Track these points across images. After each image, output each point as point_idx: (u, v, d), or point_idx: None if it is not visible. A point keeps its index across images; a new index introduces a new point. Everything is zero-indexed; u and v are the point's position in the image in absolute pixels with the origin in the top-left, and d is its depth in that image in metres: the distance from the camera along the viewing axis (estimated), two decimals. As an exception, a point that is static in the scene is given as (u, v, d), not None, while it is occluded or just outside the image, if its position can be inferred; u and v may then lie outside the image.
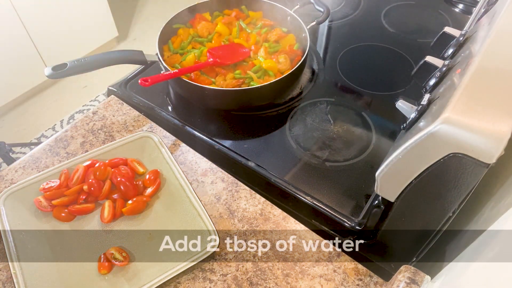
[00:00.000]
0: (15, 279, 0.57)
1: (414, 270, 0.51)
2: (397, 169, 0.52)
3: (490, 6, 0.66)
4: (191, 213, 0.64)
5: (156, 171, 0.70)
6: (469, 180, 0.47)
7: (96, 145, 0.77)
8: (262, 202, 0.68)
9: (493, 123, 0.42)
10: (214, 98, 0.84)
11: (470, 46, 0.58)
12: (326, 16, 0.95)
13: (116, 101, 0.86)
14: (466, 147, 0.43)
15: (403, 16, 1.14)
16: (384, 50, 1.02)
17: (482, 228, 0.50)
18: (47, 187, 0.67)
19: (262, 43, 0.92)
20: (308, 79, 0.93)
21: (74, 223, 0.65)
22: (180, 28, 0.95)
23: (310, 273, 0.60)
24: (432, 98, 0.55)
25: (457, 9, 1.17)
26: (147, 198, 0.66)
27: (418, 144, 0.46)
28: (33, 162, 0.75)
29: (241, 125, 0.84)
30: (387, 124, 0.83)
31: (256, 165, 0.74)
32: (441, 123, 0.43)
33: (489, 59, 0.49)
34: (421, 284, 0.49)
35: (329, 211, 0.67)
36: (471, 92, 0.45)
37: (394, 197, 0.55)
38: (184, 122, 0.83)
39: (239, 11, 1.00)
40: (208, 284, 0.59)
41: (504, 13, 0.54)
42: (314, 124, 0.82)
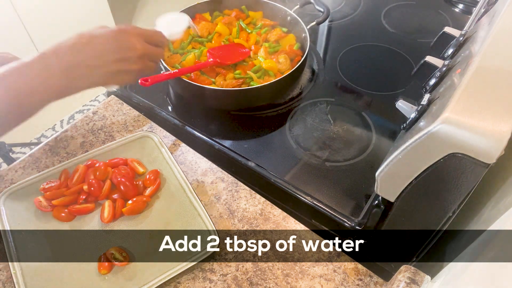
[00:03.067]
0: (15, 279, 0.57)
1: (414, 270, 0.51)
2: (397, 169, 0.52)
3: (490, 6, 0.66)
4: (191, 213, 0.64)
5: (156, 171, 0.70)
6: (469, 180, 0.47)
7: (96, 145, 0.77)
8: (262, 202, 0.68)
9: (493, 123, 0.42)
10: (214, 98, 0.84)
11: (470, 46, 0.58)
12: (326, 16, 0.95)
13: (116, 101, 0.86)
14: (466, 147, 0.43)
15: (403, 16, 1.14)
16: (384, 50, 1.02)
17: (482, 228, 0.50)
18: (47, 187, 0.67)
19: (262, 43, 0.92)
20: (308, 79, 0.93)
21: (74, 223, 0.65)
22: (180, 28, 0.95)
23: (310, 273, 0.60)
24: (432, 98, 0.55)
25: (457, 9, 1.17)
26: (147, 198, 0.66)
27: (418, 144, 0.47)
28: (33, 162, 0.75)
29: (241, 125, 0.84)
30: (387, 124, 0.83)
31: (256, 165, 0.74)
32: (441, 123, 0.43)
33: (489, 59, 0.49)
34: (421, 284, 0.49)
35: (329, 211, 0.67)
36: (471, 92, 0.45)
37: (394, 197, 0.56)
38: (184, 122, 0.83)
39: (239, 11, 1.00)
40: (208, 284, 0.59)
41: (504, 13, 0.54)
42: (314, 124, 0.82)
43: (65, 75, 0.45)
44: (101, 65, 0.48)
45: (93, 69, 0.47)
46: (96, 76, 0.48)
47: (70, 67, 0.45)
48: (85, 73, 0.47)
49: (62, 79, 0.45)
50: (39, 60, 0.44)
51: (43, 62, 0.44)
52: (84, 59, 0.46)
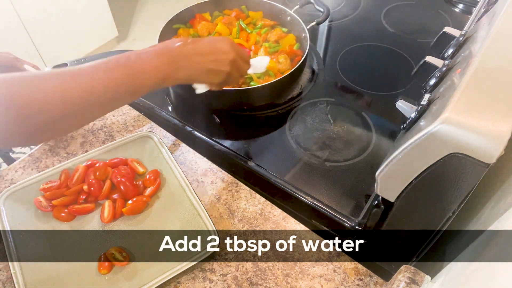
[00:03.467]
0: (15, 279, 0.57)
1: (414, 270, 0.51)
2: (397, 169, 0.52)
3: (490, 6, 0.66)
4: (191, 213, 0.64)
5: (156, 171, 0.70)
6: (469, 180, 0.47)
7: (96, 145, 0.77)
8: (262, 202, 0.68)
9: (493, 123, 0.42)
10: (214, 98, 0.84)
11: (470, 46, 0.58)
12: (326, 16, 0.95)
13: (116, 101, 0.86)
14: (466, 147, 0.43)
15: (403, 16, 1.14)
16: (384, 50, 1.02)
17: (482, 228, 0.50)
18: (47, 187, 0.67)
19: (262, 43, 0.92)
20: (308, 79, 0.93)
21: (74, 223, 0.65)
22: (180, 28, 0.95)
23: (310, 273, 0.60)
24: (432, 98, 0.55)
25: (457, 9, 1.17)
26: (147, 198, 0.66)
27: (418, 144, 0.46)
28: (33, 162, 0.75)
29: (241, 125, 0.84)
30: (387, 124, 0.83)
31: (256, 165, 0.74)
32: (441, 123, 0.43)
33: (489, 59, 0.49)
34: (421, 284, 0.49)
35: (329, 211, 0.67)
36: (471, 92, 0.45)
37: (394, 197, 0.55)
38: (184, 122, 0.83)
39: (239, 11, 1.00)
40: (208, 284, 0.59)
41: (504, 13, 0.54)
42: (314, 124, 0.82)
43: (171, 64, 0.54)
44: (200, 61, 0.57)
45: (193, 64, 0.56)
46: (193, 70, 0.57)
47: (176, 58, 0.54)
48: (186, 65, 0.55)
49: (168, 68, 0.53)
50: (153, 50, 0.53)
51: (156, 52, 0.53)
52: (187, 54, 0.56)
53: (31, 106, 0.42)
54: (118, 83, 0.49)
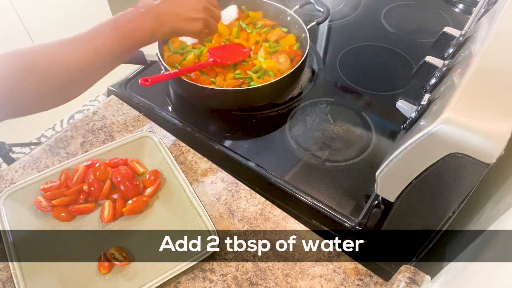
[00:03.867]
0: (15, 279, 0.57)
1: (414, 270, 0.51)
2: (397, 169, 0.52)
3: (490, 6, 0.66)
4: (191, 213, 0.64)
5: (156, 171, 0.70)
6: (469, 180, 0.47)
7: (96, 145, 0.77)
8: (262, 202, 0.68)
9: (493, 123, 0.42)
10: (214, 98, 0.84)
11: (470, 46, 0.58)
12: (326, 16, 0.95)
13: (116, 101, 0.87)
14: (466, 147, 0.43)
15: (403, 16, 1.14)
16: (384, 50, 1.02)
17: (482, 228, 0.50)
18: (47, 187, 0.67)
19: (262, 43, 0.92)
20: (308, 79, 0.93)
21: (74, 223, 0.65)
22: (180, 28, 0.95)
23: (310, 273, 0.60)
24: (432, 98, 0.55)
25: (457, 9, 1.17)
26: (147, 198, 0.66)
27: (418, 144, 0.46)
28: (33, 162, 0.75)
29: (241, 125, 0.84)
30: (387, 124, 0.83)
31: (256, 165, 0.74)
32: (441, 123, 0.43)
33: (489, 59, 0.49)
34: (421, 284, 0.49)
35: (329, 211, 0.67)
36: (471, 92, 0.45)
37: (394, 197, 0.55)
38: (184, 122, 0.83)
39: (239, 11, 1.00)
40: (208, 284, 0.59)
41: (504, 13, 0.54)
42: (314, 124, 0.82)
43: (156, 20, 0.60)
44: (182, 13, 0.64)
45: (176, 16, 0.63)
46: (176, 22, 0.64)
47: (161, 13, 0.61)
48: (170, 18, 0.62)
49: (154, 23, 0.60)
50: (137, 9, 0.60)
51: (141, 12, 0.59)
52: (170, 8, 0.63)
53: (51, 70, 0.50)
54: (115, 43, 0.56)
